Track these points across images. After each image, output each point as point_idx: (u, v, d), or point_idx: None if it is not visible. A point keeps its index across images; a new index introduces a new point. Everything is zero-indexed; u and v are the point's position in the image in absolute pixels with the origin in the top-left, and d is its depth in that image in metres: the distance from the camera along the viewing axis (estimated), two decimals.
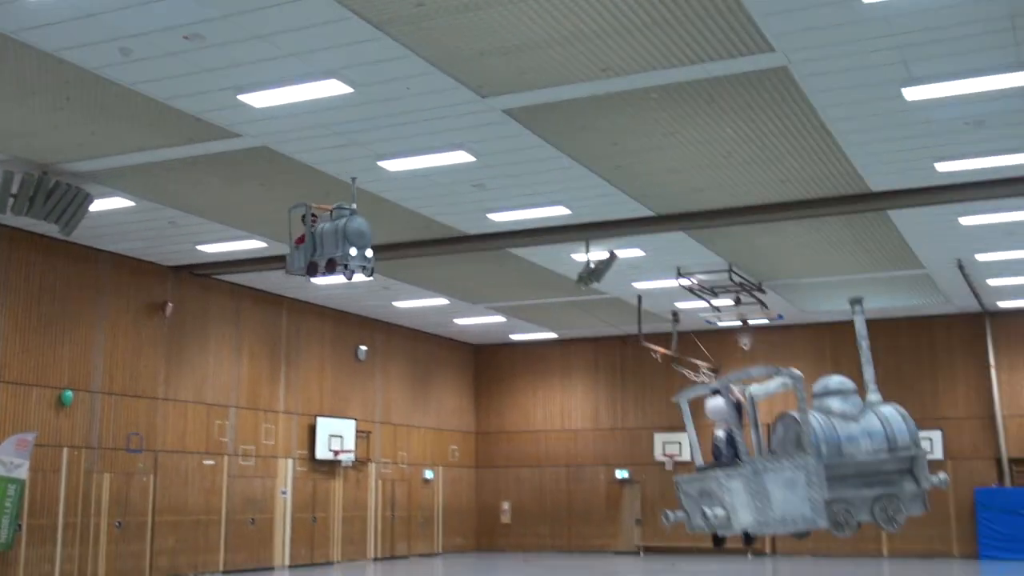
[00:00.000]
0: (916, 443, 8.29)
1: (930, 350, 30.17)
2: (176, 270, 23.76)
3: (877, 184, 17.57)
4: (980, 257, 22.96)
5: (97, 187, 17.43)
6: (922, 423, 29.29)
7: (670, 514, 7.78)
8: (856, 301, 10.11)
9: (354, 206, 14.97)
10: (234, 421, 25.44)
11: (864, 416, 8.31)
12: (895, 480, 7.86)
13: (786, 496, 6.86)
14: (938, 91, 13.60)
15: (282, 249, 21.75)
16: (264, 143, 15.62)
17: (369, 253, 14.39)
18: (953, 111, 14.35)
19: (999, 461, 28.97)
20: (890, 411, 8.53)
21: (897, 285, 25.95)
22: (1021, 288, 26.37)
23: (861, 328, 9.44)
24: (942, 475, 8.25)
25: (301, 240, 14.98)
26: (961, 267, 23.62)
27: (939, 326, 30.10)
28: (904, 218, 19.95)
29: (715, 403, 7.95)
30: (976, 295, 26.40)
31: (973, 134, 15.21)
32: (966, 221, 20.04)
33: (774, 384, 8.76)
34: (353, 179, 14.98)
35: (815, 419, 8.12)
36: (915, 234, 21.11)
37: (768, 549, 30.82)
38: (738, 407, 8.09)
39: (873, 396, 9.03)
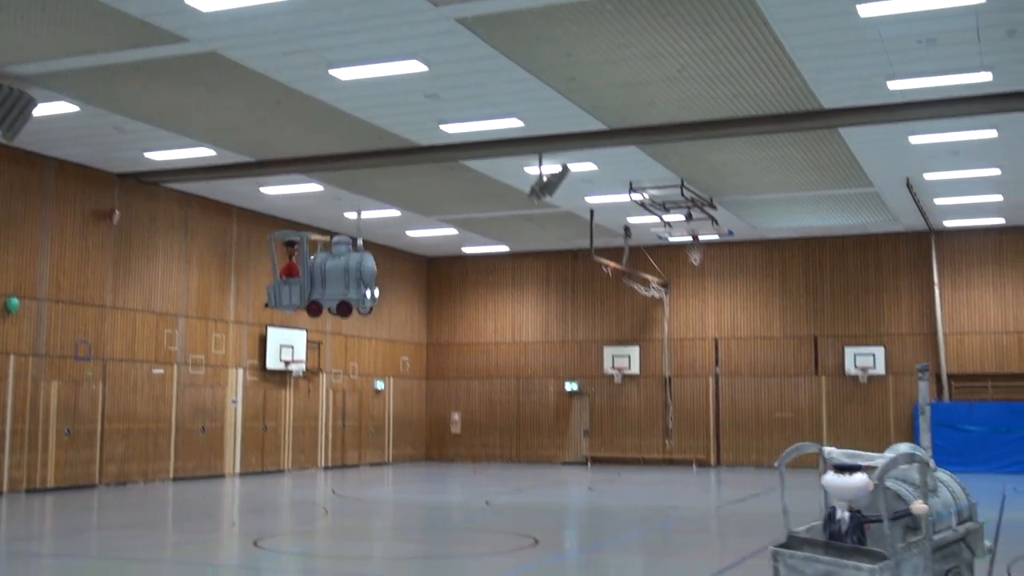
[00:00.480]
0: (975, 516, 8.35)
1: (876, 268, 30.65)
2: (123, 177, 23.42)
3: (829, 101, 17.63)
4: (928, 176, 23.20)
5: (41, 91, 17.05)
6: (866, 340, 30.13)
7: None
8: (923, 369, 9.93)
9: (360, 241, 14.54)
10: (183, 330, 25.37)
11: (939, 489, 8.25)
12: (957, 551, 7.97)
13: None
14: (892, 7, 13.60)
15: (232, 157, 21.59)
16: (212, 48, 15.31)
17: (377, 293, 14.19)
18: (906, 28, 14.39)
19: (939, 377, 29.68)
20: (949, 480, 8.48)
21: (846, 203, 26.22)
22: (966, 207, 26.74)
23: (925, 395, 9.29)
24: (988, 543, 8.32)
25: (289, 272, 14.46)
26: (909, 186, 23.88)
27: (886, 244, 30.54)
28: (855, 136, 20.08)
29: (847, 482, 7.44)
30: (923, 214, 26.75)
31: (925, 52, 15.27)
32: (916, 140, 20.21)
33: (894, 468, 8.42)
34: (358, 212, 14.62)
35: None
36: (865, 152, 21.27)
37: (713, 460, 31.49)
38: (905, 514, 7.70)
39: (932, 462, 8.93)
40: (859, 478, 7.54)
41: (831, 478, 7.59)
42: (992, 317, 29.47)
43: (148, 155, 21.63)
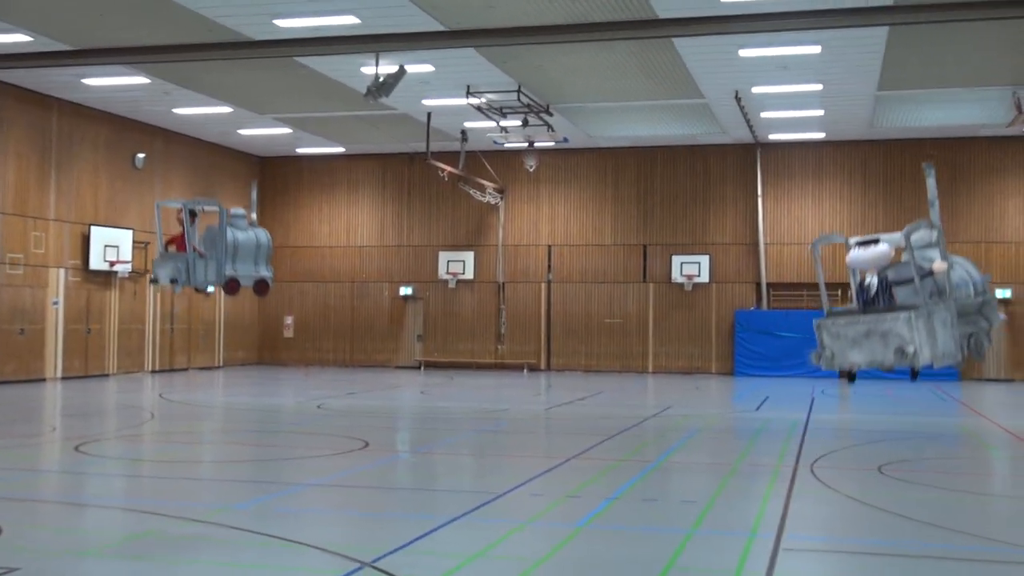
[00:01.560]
0: (987, 289, 9.10)
1: (704, 178, 31.39)
2: None
3: (664, 10, 17.70)
4: (756, 90, 23.76)
5: None
6: (692, 248, 30.92)
7: (818, 354, 8.37)
8: (930, 165, 10.50)
9: (254, 215, 14.12)
10: (0, 228, 24.12)
11: (955, 266, 8.88)
12: (975, 320, 8.69)
13: (943, 335, 7.61)
14: None
15: (50, 45, 20.34)
16: None
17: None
18: None
19: (759, 285, 30.83)
20: (963, 260, 9.18)
21: (678, 113, 26.65)
22: (790, 121, 27.58)
23: (932, 191, 9.80)
24: (1002, 316, 9.30)
25: (176, 245, 13.84)
26: (738, 98, 24.41)
27: (714, 155, 31.27)
28: (688, 47, 20.31)
29: (871, 252, 8.10)
30: (750, 126, 27.45)
31: None
32: (745, 53, 20.60)
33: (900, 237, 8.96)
34: (255, 182, 14.21)
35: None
36: (697, 63, 21.58)
37: (543, 364, 32.08)
38: (928, 274, 8.22)
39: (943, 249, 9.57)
40: (882, 247, 8.44)
41: (856, 252, 8.53)
42: (810, 229, 30.66)
43: None
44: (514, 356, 32.37)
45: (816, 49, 20.26)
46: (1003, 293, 29.07)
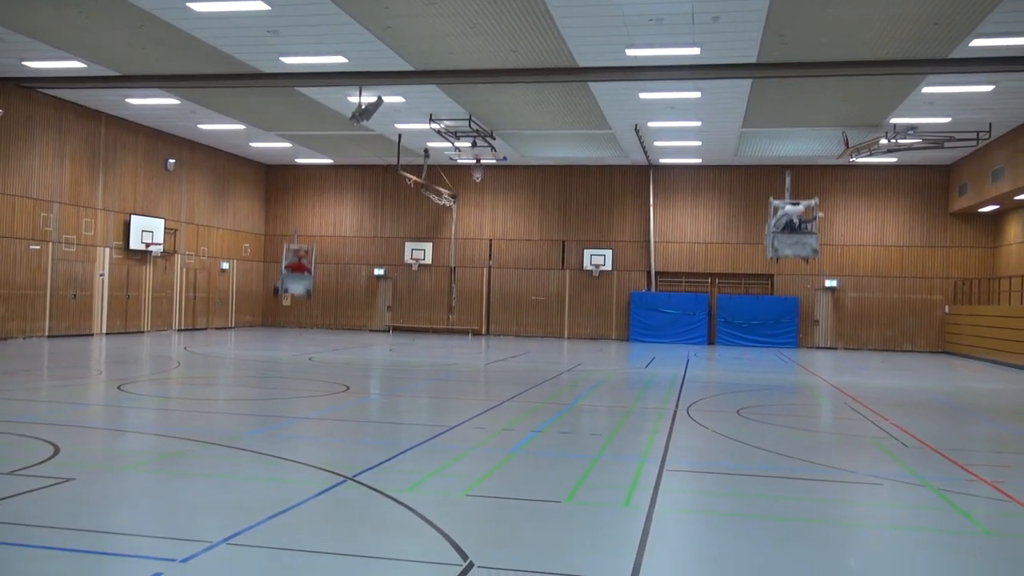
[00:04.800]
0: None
1: (610, 190, 31.57)
2: (3, 81, 21.12)
3: (583, 61, 17.78)
4: (651, 124, 23.92)
5: None
6: (599, 244, 31.02)
7: (772, 249, 16.20)
8: (788, 173, 19.21)
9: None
10: (57, 214, 23.45)
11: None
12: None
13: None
14: None
15: (101, 71, 19.81)
16: None
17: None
18: (642, 9, 14.59)
19: (649, 273, 31.12)
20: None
21: (591, 140, 26.75)
22: (675, 149, 27.82)
23: (788, 186, 18.66)
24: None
25: (301, 269, 19.47)
26: (637, 131, 24.57)
27: (617, 173, 31.45)
28: (600, 89, 20.38)
29: (797, 207, 15.97)
30: (645, 152, 27.64)
31: (654, 29, 15.58)
32: (644, 96, 20.72)
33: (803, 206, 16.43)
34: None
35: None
36: (607, 103, 21.67)
37: (484, 330, 32.08)
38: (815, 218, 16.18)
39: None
40: (802, 206, 16.01)
41: (790, 207, 15.87)
42: (689, 231, 31.02)
43: (27, 63, 19.57)
44: (462, 323, 32.34)
45: (697, 94, 20.46)
46: (831, 283, 29.73)
